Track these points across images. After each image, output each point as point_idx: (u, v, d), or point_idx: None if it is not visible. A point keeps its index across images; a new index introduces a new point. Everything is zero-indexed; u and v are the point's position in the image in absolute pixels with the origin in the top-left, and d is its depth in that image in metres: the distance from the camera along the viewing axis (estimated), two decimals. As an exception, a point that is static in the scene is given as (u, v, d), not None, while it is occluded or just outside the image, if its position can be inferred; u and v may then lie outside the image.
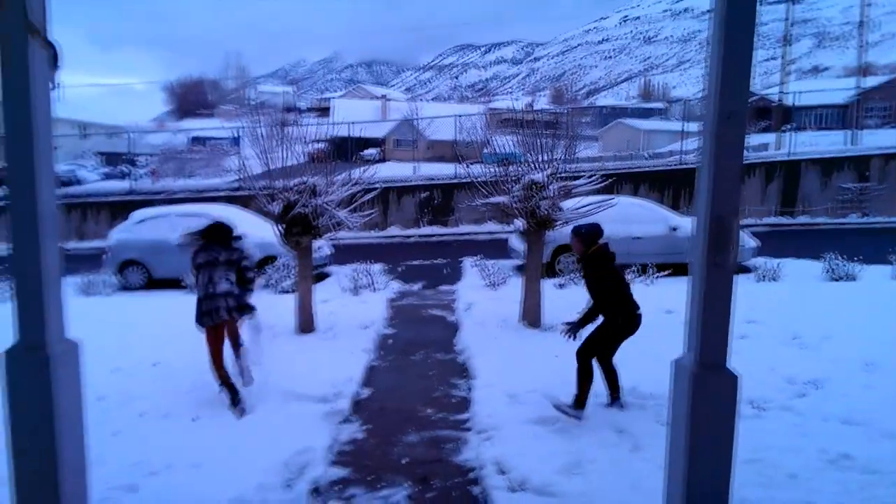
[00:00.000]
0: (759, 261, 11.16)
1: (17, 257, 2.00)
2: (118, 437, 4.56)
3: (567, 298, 9.11)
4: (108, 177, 32.13)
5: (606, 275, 4.98)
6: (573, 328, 5.14)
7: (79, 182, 26.62)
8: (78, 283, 10.42)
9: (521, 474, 3.96)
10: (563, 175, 7.79)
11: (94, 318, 7.01)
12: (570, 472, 4.03)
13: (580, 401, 4.83)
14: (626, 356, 6.27)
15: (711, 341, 2.13)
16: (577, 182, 7.69)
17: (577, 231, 5.18)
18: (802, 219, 19.59)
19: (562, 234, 10.14)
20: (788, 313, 7.87)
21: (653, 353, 6.25)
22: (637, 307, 5.08)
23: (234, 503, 3.62)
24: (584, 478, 3.96)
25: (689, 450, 2.21)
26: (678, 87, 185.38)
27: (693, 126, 22.89)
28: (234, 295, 5.41)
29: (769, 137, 28.20)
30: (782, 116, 29.90)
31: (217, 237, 5.48)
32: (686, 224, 11.69)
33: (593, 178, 7.70)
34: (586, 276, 5.10)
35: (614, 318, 5.00)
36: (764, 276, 10.41)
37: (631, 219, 11.43)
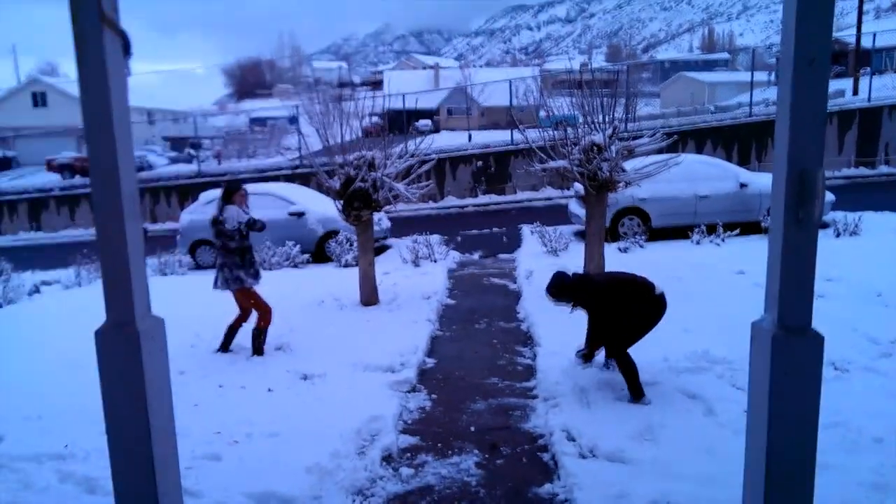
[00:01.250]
0: (837, 215, 10.57)
1: (104, 240, 2.11)
2: (200, 408, 4.80)
3: (630, 262, 8.91)
4: (175, 161, 33.48)
5: (603, 305, 4.73)
6: (587, 355, 5.07)
7: (149, 167, 27.80)
8: (154, 264, 10.95)
9: (590, 440, 3.94)
10: (623, 135, 7.55)
11: (171, 296, 7.35)
12: (641, 437, 3.98)
13: (636, 392, 4.52)
14: (696, 320, 6.12)
15: (794, 302, 2.03)
16: (639, 141, 7.44)
17: (549, 293, 4.75)
18: (884, 169, 18.34)
19: (624, 195, 9.93)
20: (870, 270, 7.44)
21: (724, 316, 6.09)
22: (653, 289, 4.69)
23: (312, 470, 3.76)
24: (656, 443, 3.91)
25: (771, 415, 2.13)
26: (744, 35, 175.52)
27: (762, 75, 21.65)
28: (225, 265, 6.01)
29: (845, 83, 26.38)
30: (859, 59, 27.85)
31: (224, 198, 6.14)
32: (756, 180, 11.16)
33: (656, 136, 7.42)
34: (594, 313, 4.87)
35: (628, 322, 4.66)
36: (843, 231, 9.86)
37: (697, 177, 11.01)
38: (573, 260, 9.12)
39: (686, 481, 3.41)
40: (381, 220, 11.83)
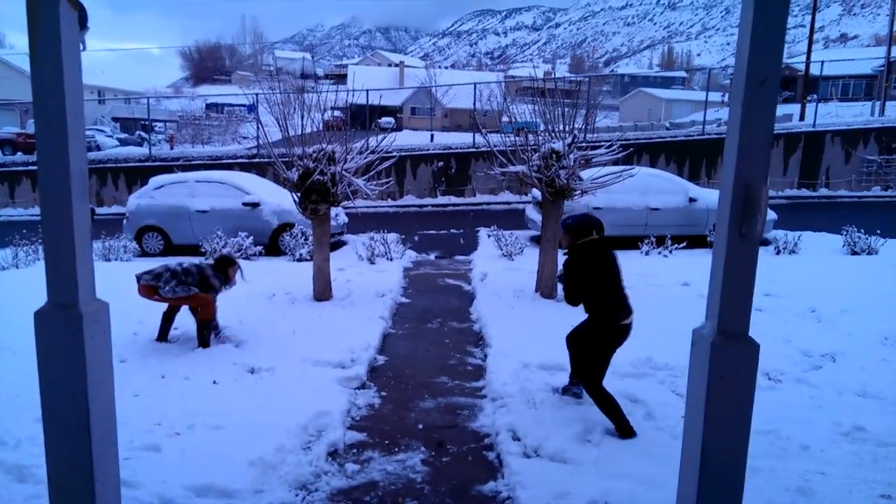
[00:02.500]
0: (778, 233, 11.04)
1: (49, 219, 2.03)
2: (140, 398, 4.67)
3: (583, 269, 9.10)
4: (124, 143, 32.35)
5: (591, 268, 4.31)
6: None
7: (98, 148, 26.80)
8: (98, 248, 10.57)
9: (535, 441, 4.01)
10: (582, 144, 7.70)
11: (114, 282, 7.11)
12: (583, 439, 4.08)
13: (621, 427, 4.10)
14: (641, 328, 6.28)
15: (733, 311, 2.13)
16: (596, 152, 7.60)
17: (563, 223, 4.58)
18: (823, 191, 19.25)
19: (580, 203, 10.11)
20: (806, 286, 7.80)
21: (668, 325, 6.28)
22: (625, 315, 4.26)
23: (255, 464, 3.71)
24: (598, 445, 4.01)
25: (706, 417, 2.23)
26: (701, 56, 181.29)
27: (716, 95, 22.41)
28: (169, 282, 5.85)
29: (792, 108, 27.59)
30: (806, 86, 29.16)
31: (216, 264, 6.22)
32: (705, 196, 11.56)
33: (613, 147, 7.60)
34: (568, 266, 4.42)
35: (595, 322, 4.34)
36: (782, 249, 10.30)
37: (650, 189, 11.33)
38: (527, 264, 9.24)
39: (625, 481, 3.52)
40: (338, 215, 11.73)
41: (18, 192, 19.81)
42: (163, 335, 6.08)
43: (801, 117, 24.84)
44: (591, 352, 4.30)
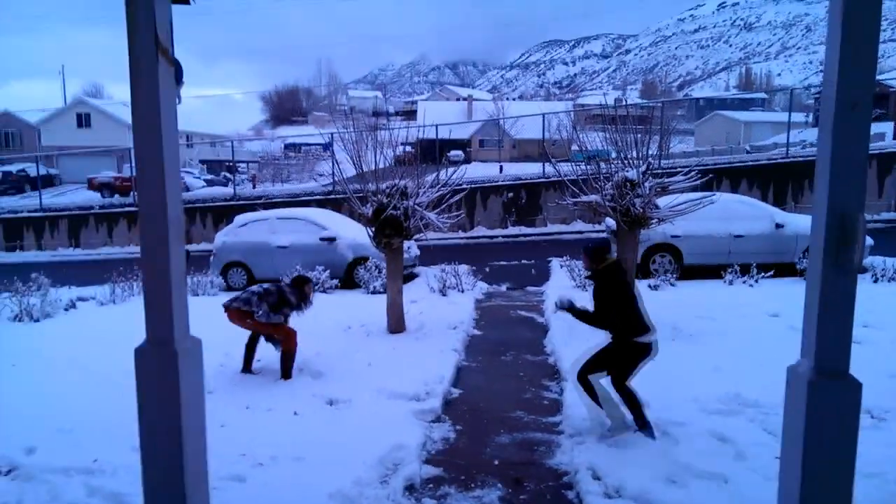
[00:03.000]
0: (876, 260, 10.29)
1: (148, 260, 2.18)
2: (226, 429, 4.84)
3: (661, 300, 8.80)
4: (211, 183, 34.28)
5: (613, 290, 4.55)
6: (564, 305, 4.80)
7: (187, 189, 28.53)
8: (187, 284, 11.17)
9: (616, 480, 3.86)
10: (657, 171, 7.52)
11: (202, 316, 7.47)
12: (668, 479, 3.89)
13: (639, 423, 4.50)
14: (729, 361, 5.99)
15: (831, 347, 1.99)
16: (673, 179, 7.41)
17: (585, 248, 4.85)
18: (926, 213, 17.85)
19: (657, 232, 9.85)
20: (912, 317, 7.20)
21: (757, 359, 5.96)
22: (641, 332, 4.49)
23: (335, 497, 3.76)
24: (684, 486, 3.81)
25: (805, 462, 2.08)
26: (782, 76, 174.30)
27: (799, 116, 21.43)
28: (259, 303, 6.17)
29: (886, 126, 25.95)
30: (902, 102, 27.39)
31: (294, 283, 6.51)
32: (792, 221, 10.98)
33: (690, 174, 7.38)
34: (594, 290, 4.69)
35: (614, 339, 4.58)
36: (881, 277, 9.60)
37: (732, 216, 10.88)
38: (602, 295, 9.03)
39: (715, 528, 3.32)
40: (410, 247, 11.91)
41: (116, 231, 21.31)
42: (247, 366, 6.32)
43: (895, 136, 23.33)
44: (605, 356, 4.58)
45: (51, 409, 5.36)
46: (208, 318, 7.45)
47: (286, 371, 6.10)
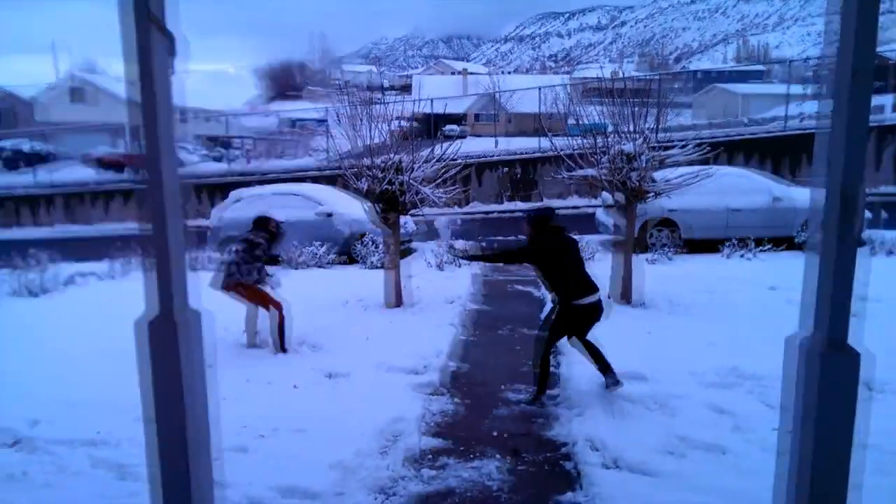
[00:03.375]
0: (873, 233, 10.33)
1: (147, 234, 2.17)
2: (227, 401, 4.85)
3: (658, 274, 8.84)
4: (205, 159, 34.00)
5: (549, 255, 4.82)
6: (469, 255, 5.47)
7: (181, 164, 28.27)
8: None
9: (614, 451, 3.92)
10: (654, 145, 7.49)
11: (199, 291, 7.49)
12: (666, 451, 3.94)
13: (539, 388, 4.97)
14: (726, 334, 6.04)
15: (832, 317, 2.01)
16: (670, 152, 7.38)
17: (527, 215, 5.11)
18: (923, 187, 17.88)
19: (654, 206, 9.83)
20: (907, 290, 7.25)
21: (754, 332, 6.01)
22: (580, 295, 4.76)
23: (336, 467, 3.80)
24: (682, 457, 3.87)
25: (803, 433, 2.11)
26: (780, 47, 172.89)
27: (798, 88, 21.29)
28: (233, 263, 6.23)
29: (884, 99, 25.81)
30: (900, 75, 27.20)
31: (256, 224, 6.56)
32: (790, 194, 10.98)
33: (687, 147, 7.35)
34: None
35: (560, 304, 4.89)
36: (879, 250, 9.64)
37: (729, 189, 10.87)
38: (600, 269, 9.05)
39: (712, 495, 3.37)
40: (407, 223, 11.89)
41: (112, 207, 21.21)
42: (251, 341, 6.33)
43: (895, 109, 23.22)
44: (555, 323, 4.87)
45: (53, 382, 5.39)
46: (206, 293, 7.44)
47: (280, 343, 6.14)
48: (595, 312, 4.86)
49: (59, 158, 37.72)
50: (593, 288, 4.84)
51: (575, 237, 5.46)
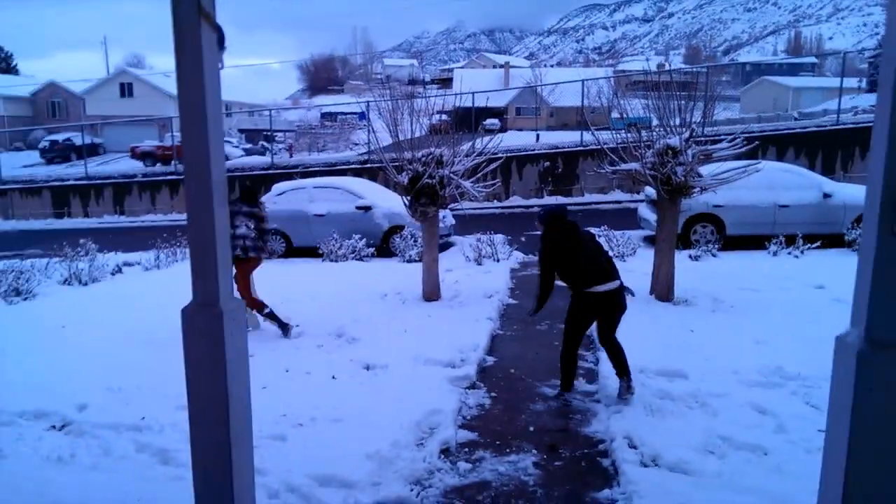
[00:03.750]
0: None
1: (194, 224, 2.23)
2: (267, 390, 4.99)
3: (702, 271, 8.65)
4: (249, 152, 34.69)
5: (562, 249, 4.75)
6: (534, 310, 5.05)
7: (226, 158, 28.90)
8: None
9: (653, 449, 3.85)
10: (700, 139, 7.31)
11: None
12: (706, 450, 3.86)
13: (563, 384, 5.01)
14: (771, 333, 5.88)
15: (884, 316, 1.92)
16: (716, 146, 7.19)
17: (539, 214, 5.00)
18: None
19: (698, 202, 9.63)
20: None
21: (800, 331, 5.83)
22: (593, 282, 4.65)
23: (372, 458, 3.85)
24: (722, 457, 3.78)
25: (852, 435, 2.03)
26: (833, 39, 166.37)
27: (852, 81, 20.42)
28: (249, 237, 6.54)
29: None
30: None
31: (245, 197, 6.93)
32: (841, 191, 10.59)
33: (735, 141, 7.15)
34: (541, 251, 4.91)
35: (572, 295, 4.87)
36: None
37: (778, 185, 10.54)
38: (640, 265, 8.91)
39: (753, 496, 3.29)
40: (445, 217, 11.91)
41: (158, 199, 21.84)
42: (284, 328, 6.46)
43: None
44: (570, 313, 4.88)
45: (100, 368, 5.60)
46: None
47: (278, 326, 6.45)
48: (612, 301, 4.69)
49: (109, 151, 39.07)
50: (611, 276, 4.70)
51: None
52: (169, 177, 22.10)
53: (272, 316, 6.52)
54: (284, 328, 6.49)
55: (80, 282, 9.63)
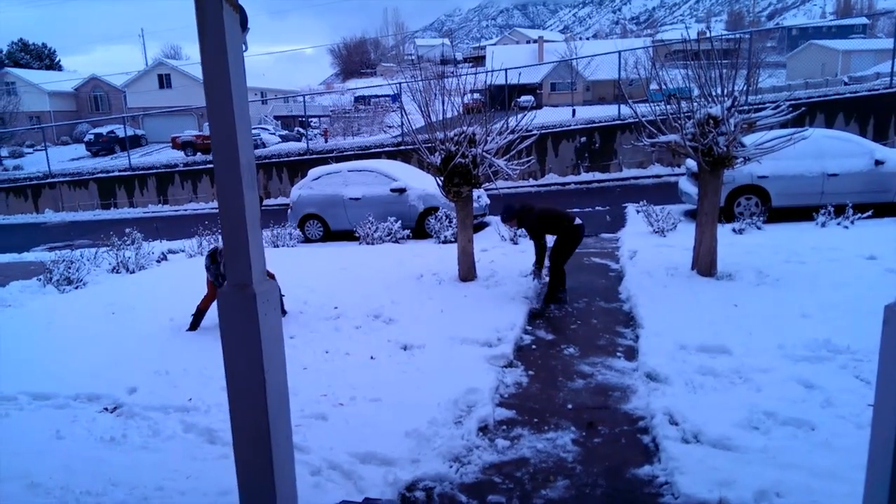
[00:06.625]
0: None
1: (224, 208, 2.25)
2: (308, 371, 5.08)
3: (746, 244, 8.41)
4: (285, 139, 35.13)
5: (536, 223, 6.97)
6: (537, 271, 7.20)
7: (263, 145, 29.38)
8: (267, 236, 11.63)
9: (694, 426, 3.78)
10: (743, 108, 7.04)
11: (282, 266, 7.78)
12: (750, 426, 3.77)
13: (552, 295, 7.01)
14: (818, 306, 5.68)
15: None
16: (761, 114, 6.91)
17: (507, 215, 7.18)
18: None
19: (742, 173, 9.33)
20: None
21: (850, 303, 5.63)
22: (572, 220, 6.96)
23: (411, 435, 3.89)
24: (766, 433, 3.69)
25: (903, 408, 1.94)
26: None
27: (907, 41, 19.30)
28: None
29: None
30: None
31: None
32: (894, 157, 10.10)
33: (780, 108, 6.86)
34: (528, 231, 7.17)
35: (559, 236, 6.98)
36: None
37: (826, 153, 10.12)
38: (681, 240, 8.71)
39: (799, 472, 3.21)
40: (480, 196, 11.85)
41: (200, 187, 22.33)
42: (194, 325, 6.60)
43: None
44: (558, 242, 7.04)
45: (148, 353, 5.79)
46: (287, 268, 7.74)
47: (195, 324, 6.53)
48: (581, 230, 7.01)
49: (151, 141, 40.08)
50: (574, 216, 7.02)
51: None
52: (209, 165, 22.54)
53: (197, 317, 6.59)
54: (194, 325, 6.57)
55: (127, 270, 9.95)
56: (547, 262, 7.15)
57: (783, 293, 6.27)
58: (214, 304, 6.56)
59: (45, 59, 59.96)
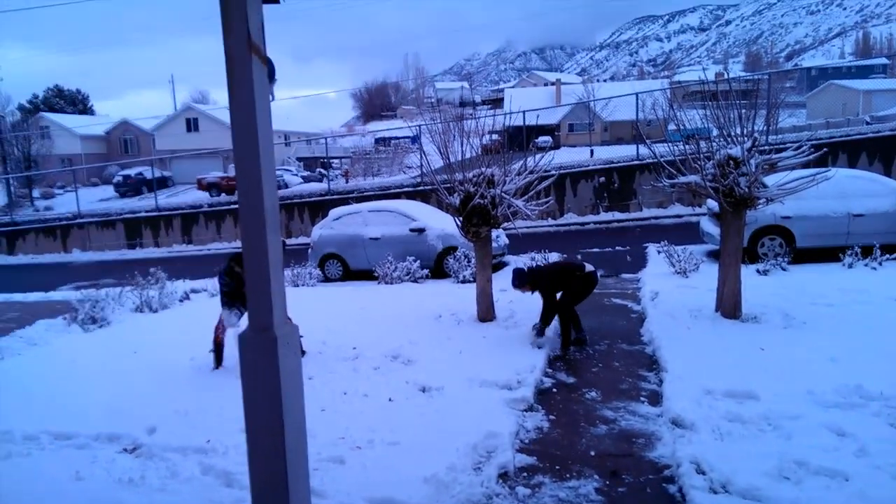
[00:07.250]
0: None
1: (248, 250, 2.28)
2: (326, 412, 5.04)
3: (771, 285, 8.28)
4: (307, 179, 35.73)
5: (547, 282, 6.85)
6: (541, 329, 6.82)
7: (286, 186, 29.90)
8: (287, 276, 11.71)
9: (722, 475, 3.66)
10: (764, 148, 7.02)
11: (301, 306, 7.81)
12: (780, 475, 3.63)
13: (566, 339, 6.84)
14: (847, 350, 5.53)
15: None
16: (781, 154, 6.88)
17: (519, 281, 6.97)
18: None
19: (765, 213, 9.24)
20: None
21: (881, 348, 5.49)
22: (582, 270, 6.91)
23: (430, 481, 3.81)
24: (797, 483, 3.55)
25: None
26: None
27: (928, 80, 19.24)
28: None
29: None
30: None
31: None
32: (922, 197, 9.93)
33: (802, 148, 6.83)
34: (541, 292, 6.90)
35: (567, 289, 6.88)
36: None
37: (850, 193, 9.98)
38: (704, 281, 8.60)
39: (836, 529, 3.07)
40: (499, 236, 11.85)
41: (223, 228, 22.69)
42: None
43: None
44: (571, 292, 6.91)
45: (169, 392, 5.80)
46: (307, 307, 7.77)
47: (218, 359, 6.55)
48: (594, 277, 6.92)
49: (177, 183, 41.02)
50: (584, 265, 7.00)
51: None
52: (233, 206, 22.94)
53: (218, 352, 6.60)
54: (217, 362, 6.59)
55: (150, 309, 10.06)
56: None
57: (811, 336, 6.13)
58: (230, 336, 6.63)
59: (78, 103, 62.21)
